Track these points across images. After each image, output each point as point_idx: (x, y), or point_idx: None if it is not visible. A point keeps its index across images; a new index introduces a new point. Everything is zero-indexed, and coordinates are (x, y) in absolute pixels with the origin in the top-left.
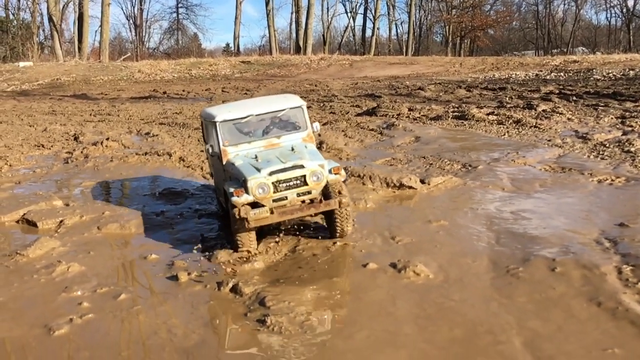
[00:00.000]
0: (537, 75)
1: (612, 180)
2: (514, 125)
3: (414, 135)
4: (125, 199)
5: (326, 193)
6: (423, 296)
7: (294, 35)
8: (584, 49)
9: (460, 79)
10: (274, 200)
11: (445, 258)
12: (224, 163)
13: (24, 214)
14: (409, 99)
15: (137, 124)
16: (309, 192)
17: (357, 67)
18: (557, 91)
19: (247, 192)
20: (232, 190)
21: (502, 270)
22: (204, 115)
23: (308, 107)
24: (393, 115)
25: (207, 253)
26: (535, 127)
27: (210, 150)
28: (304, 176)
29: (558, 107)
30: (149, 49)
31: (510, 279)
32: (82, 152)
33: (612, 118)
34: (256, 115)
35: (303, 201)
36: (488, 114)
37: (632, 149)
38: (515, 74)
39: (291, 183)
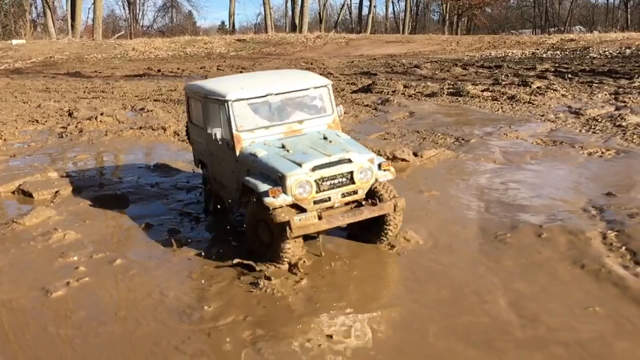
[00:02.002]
0: (533, 53)
1: (602, 152)
2: (508, 101)
3: (408, 110)
4: (120, 171)
5: (372, 193)
6: (413, 261)
7: (289, 13)
8: (581, 27)
9: (457, 57)
10: (314, 202)
11: (436, 225)
12: (237, 153)
13: (20, 185)
14: (405, 76)
15: (132, 101)
16: (355, 192)
17: (354, 45)
18: (553, 69)
19: (284, 191)
20: (265, 189)
21: (490, 237)
22: (195, 90)
23: None
24: (388, 92)
25: (201, 221)
26: (529, 103)
27: (218, 136)
28: (351, 173)
29: (553, 84)
30: (143, 26)
31: (498, 244)
32: (76, 126)
33: (605, 94)
34: (275, 94)
35: (347, 203)
36: (483, 91)
37: (624, 124)
38: (512, 53)
39: (336, 181)
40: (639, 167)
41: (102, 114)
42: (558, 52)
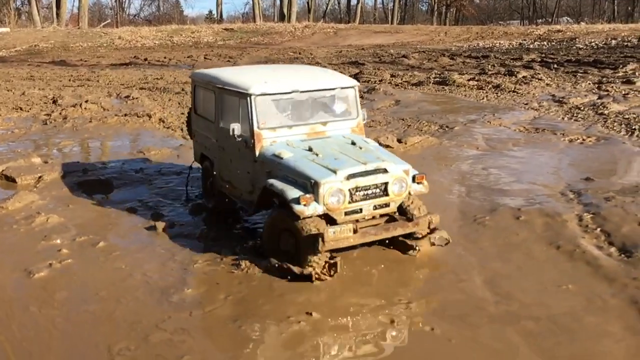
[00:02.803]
0: (520, 44)
1: (583, 139)
2: (493, 90)
3: (394, 99)
4: (104, 157)
5: (403, 207)
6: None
7: (277, 2)
8: (568, 18)
9: (445, 47)
10: (345, 213)
11: None
12: (256, 152)
13: (3, 170)
14: (393, 66)
15: (117, 89)
16: (387, 205)
17: (342, 35)
18: (539, 59)
19: (316, 199)
20: (295, 195)
21: (469, 219)
22: (208, 80)
23: None
24: (375, 81)
25: (185, 205)
26: (513, 91)
27: (236, 132)
28: (386, 184)
29: (538, 74)
30: (130, 15)
31: (477, 226)
32: (60, 113)
33: (589, 84)
34: (302, 91)
35: (374, 217)
36: (469, 80)
37: (606, 112)
38: (500, 43)
39: (369, 192)
40: (618, 153)
41: (86, 102)
42: (545, 43)
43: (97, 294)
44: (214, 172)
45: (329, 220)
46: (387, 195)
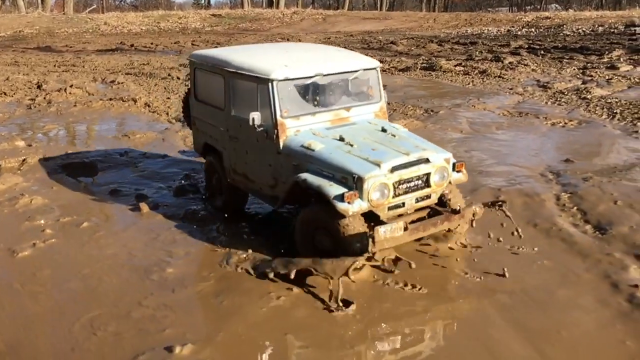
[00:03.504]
0: (508, 31)
1: (565, 123)
2: (479, 75)
3: None
4: (88, 140)
5: (442, 198)
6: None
7: None
8: (557, 5)
9: (434, 34)
10: (389, 209)
11: None
12: (280, 143)
13: None
14: (381, 52)
15: (103, 74)
16: (428, 197)
17: (331, 21)
18: (527, 46)
19: (360, 195)
20: (337, 192)
21: None
22: (213, 63)
23: None
24: None
25: (169, 187)
26: (499, 77)
27: (256, 122)
28: (428, 175)
29: (524, 59)
30: (116, 0)
31: None
32: (44, 98)
33: (574, 69)
34: (325, 75)
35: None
36: (456, 66)
37: (589, 96)
38: (488, 30)
39: (412, 184)
40: (598, 136)
41: (71, 86)
42: (533, 30)
43: (80, 272)
44: (225, 165)
45: (371, 217)
46: (428, 186)
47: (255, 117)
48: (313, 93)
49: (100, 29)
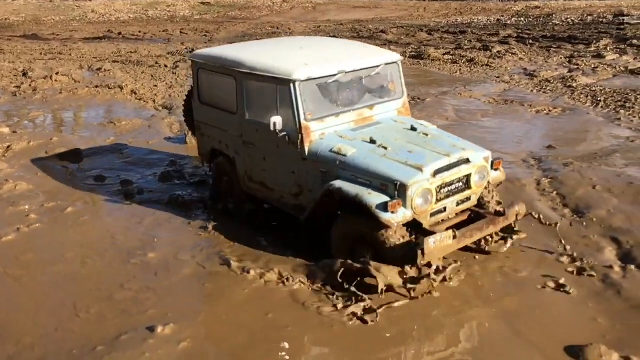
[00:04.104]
0: (498, 20)
1: (550, 110)
2: (467, 64)
3: None
4: (74, 127)
5: (481, 199)
6: None
7: None
8: None
9: (423, 23)
10: (431, 215)
11: None
12: (305, 149)
13: None
14: (371, 41)
15: (89, 62)
16: (468, 199)
17: (321, 10)
18: (516, 35)
19: (403, 204)
20: (379, 201)
21: None
22: (222, 64)
23: None
24: None
25: (155, 174)
26: (487, 65)
27: (278, 126)
28: (468, 176)
29: (513, 48)
30: None
31: None
32: (30, 85)
33: (561, 58)
34: (347, 72)
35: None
36: (444, 54)
37: (574, 84)
38: (478, 19)
39: (453, 187)
40: (581, 123)
41: (57, 74)
42: (522, 19)
43: (64, 256)
44: (238, 172)
45: (411, 224)
46: (469, 188)
47: (277, 121)
48: (335, 92)
49: (88, 17)
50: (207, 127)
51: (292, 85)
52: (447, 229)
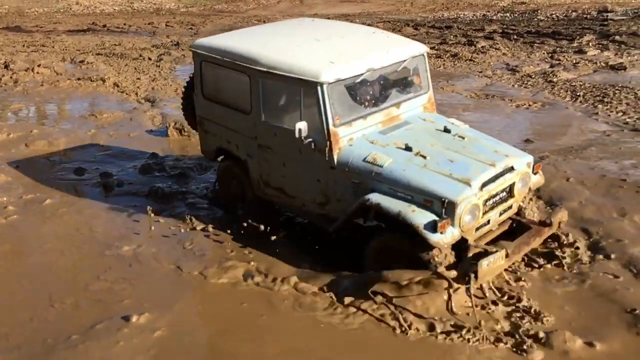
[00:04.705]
0: (484, 15)
1: (529, 105)
2: (450, 58)
3: None
4: (54, 119)
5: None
6: None
7: None
8: None
9: (410, 18)
10: (475, 230)
11: None
12: (334, 157)
13: None
14: None
15: (72, 54)
16: (510, 208)
17: (308, 4)
18: (501, 30)
19: (452, 222)
20: (425, 220)
21: None
22: (232, 58)
23: None
24: None
25: (135, 166)
26: (470, 60)
27: (303, 133)
28: (512, 184)
29: (497, 44)
30: None
31: None
32: (11, 77)
33: (543, 53)
34: (376, 69)
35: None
36: (429, 49)
37: (555, 79)
38: (464, 14)
39: (497, 198)
40: (560, 118)
41: (39, 66)
42: (508, 15)
43: (42, 247)
44: (251, 175)
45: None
46: (512, 196)
47: (302, 127)
48: (362, 92)
49: (72, 9)
50: (212, 125)
51: (319, 87)
52: (490, 242)
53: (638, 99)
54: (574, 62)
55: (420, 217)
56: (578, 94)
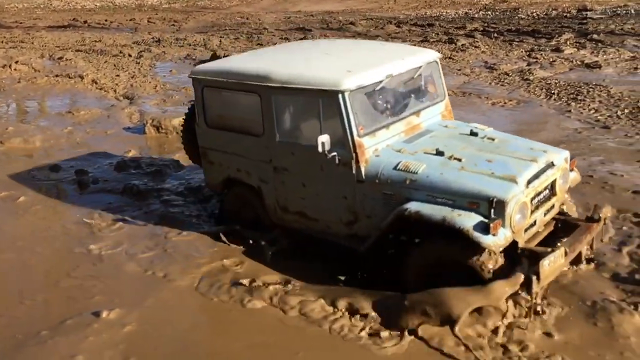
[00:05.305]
0: (466, 13)
1: (505, 103)
2: None
3: None
4: (31, 117)
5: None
6: None
7: None
8: None
9: (393, 15)
10: (524, 231)
11: None
12: (362, 169)
13: None
14: (339, 33)
15: (52, 51)
16: (552, 207)
17: (291, 1)
18: (482, 28)
19: (503, 223)
20: (474, 222)
21: None
22: (238, 79)
23: (236, 39)
24: None
25: (111, 163)
26: (449, 58)
27: (327, 146)
28: (554, 181)
29: (477, 42)
30: None
31: None
32: None
33: (522, 51)
34: (394, 75)
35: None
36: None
37: (531, 77)
38: (446, 12)
39: (541, 196)
40: (533, 115)
41: (17, 62)
42: (489, 13)
43: (15, 244)
44: (267, 202)
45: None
46: (554, 194)
47: (325, 141)
48: (382, 101)
49: (53, 5)
50: (218, 154)
51: (340, 96)
52: (539, 244)
53: (610, 96)
54: (551, 60)
55: (468, 220)
56: (553, 91)
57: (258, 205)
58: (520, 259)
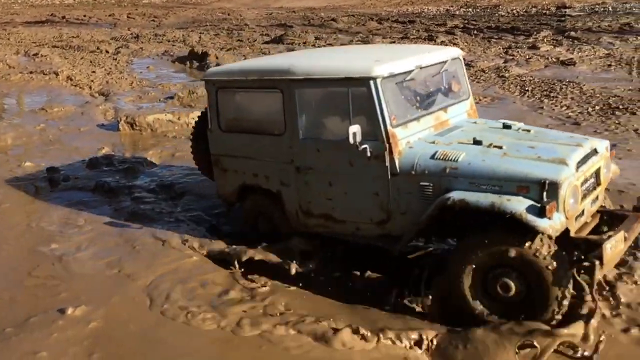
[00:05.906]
0: (447, 10)
1: (480, 99)
2: None
3: None
4: (2, 114)
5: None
6: None
7: None
8: None
9: (375, 12)
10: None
11: None
12: (397, 161)
13: None
14: (321, 29)
15: (28, 47)
16: (597, 198)
17: None
18: (462, 25)
19: (557, 206)
20: (527, 205)
21: None
22: (259, 77)
23: (216, 35)
24: (299, 43)
25: (83, 161)
26: None
27: (358, 137)
28: (598, 169)
29: (456, 38)
30: None
31: None
32: None
33: (499, 49)
34: (423, 67)
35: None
36: (389, 44)
37: (507, 75)
38: (428, 9)
39: (588, 184)
40: (506, 112)
41: None
42: (470, 10)
43: None
44: (287, 208)
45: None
46: (599, 184)
47: (357, 131)
48: (412, 93)
49: (31, 0)
50: (233, 160)
51: (372, 83)
52: (590, 233)
53: (583, 93)
54: (527, 57)
55: (519, 204)
56: (527, 88)
57: (276, 212)
58: (580, 244)
